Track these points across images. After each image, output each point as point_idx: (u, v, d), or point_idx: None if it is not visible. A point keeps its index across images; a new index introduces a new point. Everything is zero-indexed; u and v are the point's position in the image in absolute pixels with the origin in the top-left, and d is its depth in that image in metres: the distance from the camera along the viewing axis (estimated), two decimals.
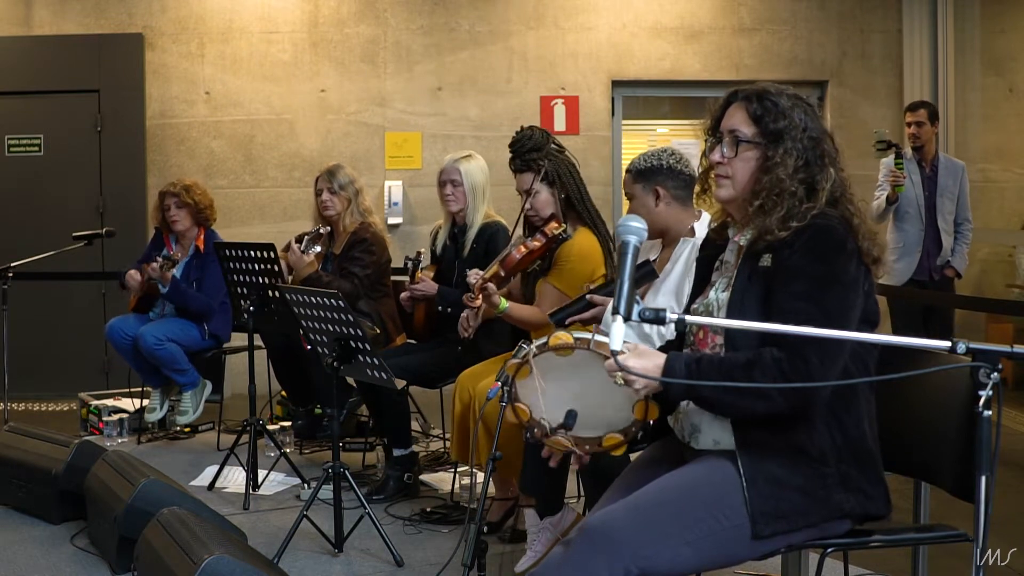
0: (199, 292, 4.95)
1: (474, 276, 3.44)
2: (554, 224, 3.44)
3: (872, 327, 2.09)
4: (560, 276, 3.44)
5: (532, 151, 3.51)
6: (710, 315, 2.15)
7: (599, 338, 2.09)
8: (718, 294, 2.17)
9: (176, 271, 4.86)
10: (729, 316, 2.07)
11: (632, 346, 2.00)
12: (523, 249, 3.43)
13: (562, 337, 2.10)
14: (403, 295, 4.11)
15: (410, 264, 3.94)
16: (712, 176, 2.21)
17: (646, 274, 2.75)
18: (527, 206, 3.51)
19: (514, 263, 3.43)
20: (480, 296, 3.38)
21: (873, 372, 2.08)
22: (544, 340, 2.11)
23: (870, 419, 2.08)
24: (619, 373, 1.93)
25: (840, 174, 2.11)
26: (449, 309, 3.97)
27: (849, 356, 2.00)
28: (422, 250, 4.04)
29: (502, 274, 3.43)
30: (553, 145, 3.56)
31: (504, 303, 3.41)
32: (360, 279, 4.35)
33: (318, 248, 4.19)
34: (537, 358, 2.16)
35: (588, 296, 2.78)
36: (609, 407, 2.17)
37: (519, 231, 3.66)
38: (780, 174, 2.05)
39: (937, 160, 5.37)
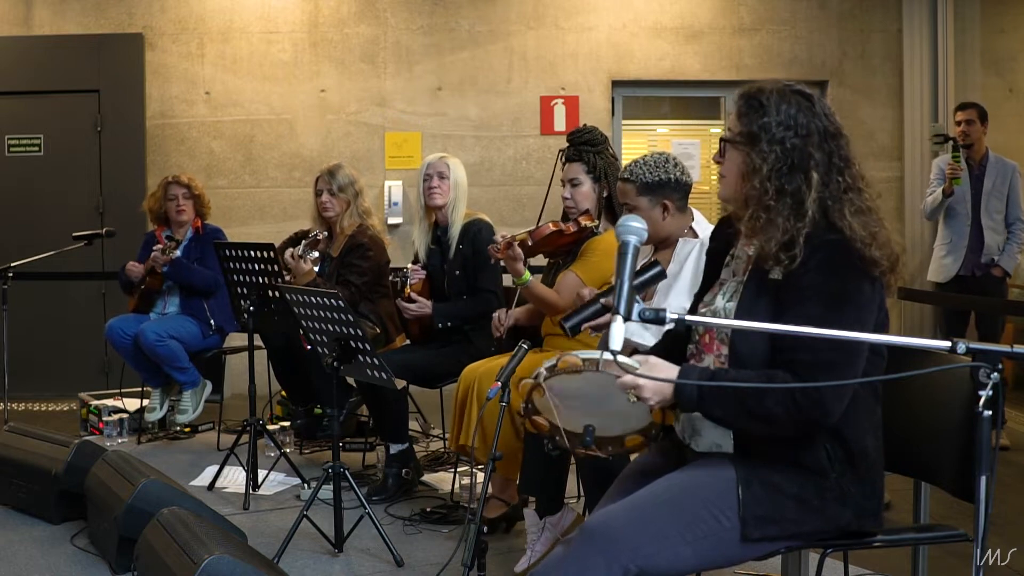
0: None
1: (501, 236, 3.45)
2: (587, 218, 3.47)
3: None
4: (583, 266, 3.44)
5: (588, 144, 3.56)
6: None
7: (608, 357, 2.11)
8: (725, 302, 2.14)
9: (177, 252, 4.85)
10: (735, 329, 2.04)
11: (643, 359, 1.98)
12: (552, 227, 3.45)
13: (571, 360, 2.13)
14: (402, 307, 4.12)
15: (398, 281, 3.92)
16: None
17: (656, 275, 2.74)
18: (567, 195, 3.54)
19: (543, 235, 3.43)
20: (505, 251, 3.37)
21: (879, 387, 2.06)
22: (553, 363, 2.13)
23: (875, 431, 2.05)
24: (632, 391, 1.94)
25: (841, 176, 2.02)
26: (449, 324, 3.99)
27: None
28: (408, 266, 4.04)
29: (529, 243, 3.42)
30: (611, 151, 3.62)
31: (527, 274, 3.39)
32: (357, 287, 4.35)
33: (315, 253, 4.18)
34: (549, 380, 2.18)
35: (603, 301, 2.75)
36: (627, 411, 2.18)
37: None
38: (755, 182, 2.02)
39: (986, 159, 5.35)
